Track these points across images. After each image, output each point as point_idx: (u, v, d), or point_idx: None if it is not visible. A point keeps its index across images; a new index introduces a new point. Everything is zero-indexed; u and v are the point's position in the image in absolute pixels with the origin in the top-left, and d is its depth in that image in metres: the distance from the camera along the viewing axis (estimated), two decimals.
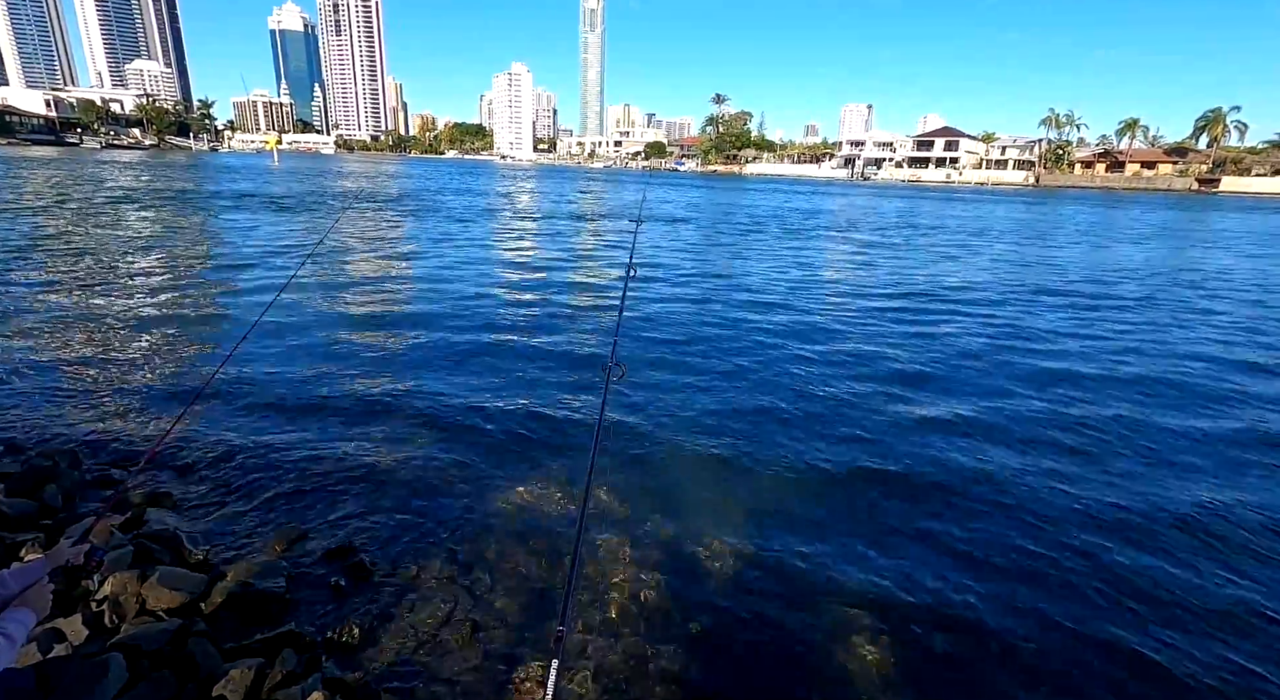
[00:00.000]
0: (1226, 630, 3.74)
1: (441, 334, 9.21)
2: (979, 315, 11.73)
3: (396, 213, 27.86)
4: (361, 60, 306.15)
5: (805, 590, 3.98)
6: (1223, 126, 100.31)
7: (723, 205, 41.63)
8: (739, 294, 12.99)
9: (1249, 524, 4.86)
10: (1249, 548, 4.58)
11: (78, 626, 3.11)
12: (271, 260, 14.49)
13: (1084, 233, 30.48)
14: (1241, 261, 21.26)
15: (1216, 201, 72.85)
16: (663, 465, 5.46)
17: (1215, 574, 4.26)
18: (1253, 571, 4.30)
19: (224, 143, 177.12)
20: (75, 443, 5.27)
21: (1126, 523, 4.82)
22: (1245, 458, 6.00)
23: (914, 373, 8.20)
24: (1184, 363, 9.04)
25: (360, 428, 5.88)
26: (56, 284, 11.14)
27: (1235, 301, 14.07)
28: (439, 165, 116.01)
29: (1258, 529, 4.79)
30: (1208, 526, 4.82)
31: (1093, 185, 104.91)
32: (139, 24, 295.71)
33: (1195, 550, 4.53)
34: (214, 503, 4.59)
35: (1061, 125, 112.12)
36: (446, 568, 4.01)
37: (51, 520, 4.07)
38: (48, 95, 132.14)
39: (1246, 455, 6.06)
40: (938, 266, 18.21)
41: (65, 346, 7.85)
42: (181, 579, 3.49)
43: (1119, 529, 4.73)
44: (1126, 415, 6.94)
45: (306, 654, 3.18)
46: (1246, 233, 32.81)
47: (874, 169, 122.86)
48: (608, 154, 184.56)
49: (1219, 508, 5.06)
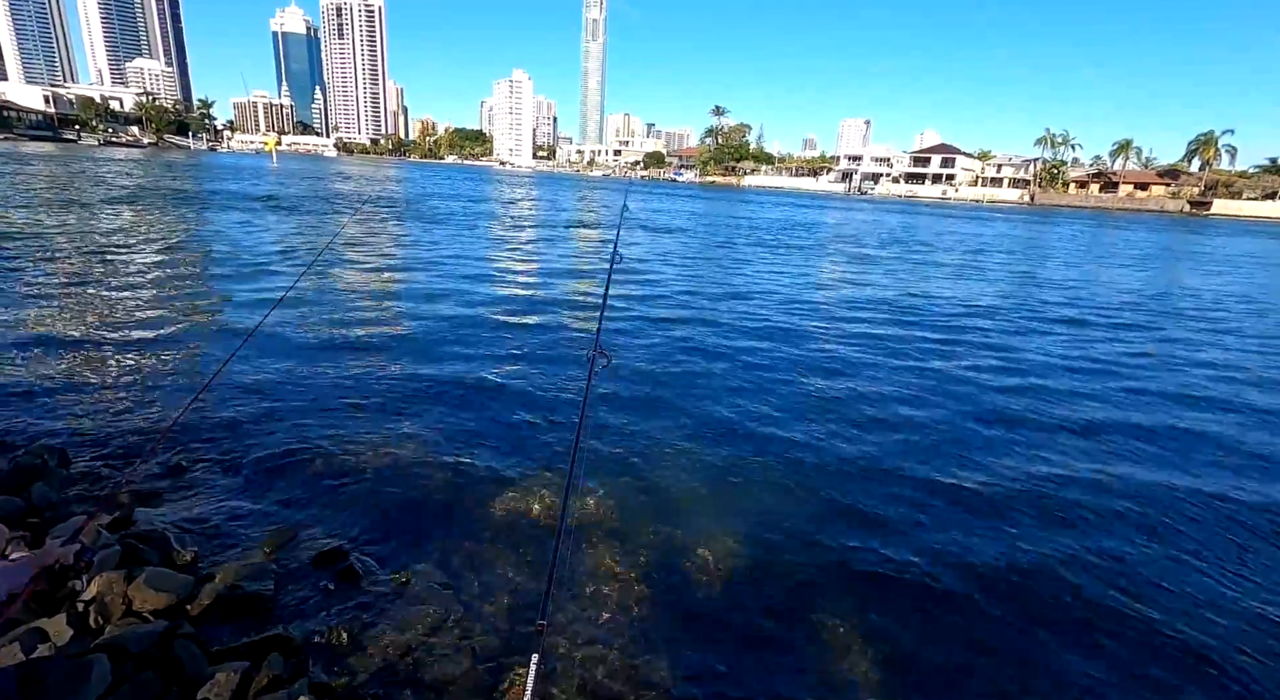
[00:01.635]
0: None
1: (433, 339, 9.21)
2: (976, 330, 11.83)
3: (397, 217, 27.89)
4: (363, 64, 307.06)
5: (794, 589, 4.00)
6: (1214, 150, 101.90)
7: (722, 217, 41.86)
8: (734, 302, 13.06)
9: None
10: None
11: (62, 627, 3.08)
12: (272, 264, 14.46)
13: (1104, 256, 30.75)
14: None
15: (1210, 224, 73.72)
16: (651, 461, 5.46)
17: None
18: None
19: (223, 143, 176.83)
20: (65, 441, 5.23)
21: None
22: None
23: (913, 376, 8.25)
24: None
25: (352, 431, 5.87)
26: (47, 282, 11.08)
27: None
28: (438, 170, 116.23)
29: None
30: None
31: (1086, 205, 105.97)
32: (140, 22, 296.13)
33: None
34: (204, 503, 4.56)
35: (1056, 145, 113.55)
36: (435, 570, 4.00)
37: (39, 519, 4.04)
38: (47, 91, 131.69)
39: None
40: (945, 282, 18.34)
41: (57, 345, 7.80)
42: (169, 580, 3.46)
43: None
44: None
45: (293, 658, 3.16)
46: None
47: (871, 184, 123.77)
48: (607, 163, 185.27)
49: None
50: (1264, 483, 5.98)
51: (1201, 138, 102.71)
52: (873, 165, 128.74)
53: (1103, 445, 6.66)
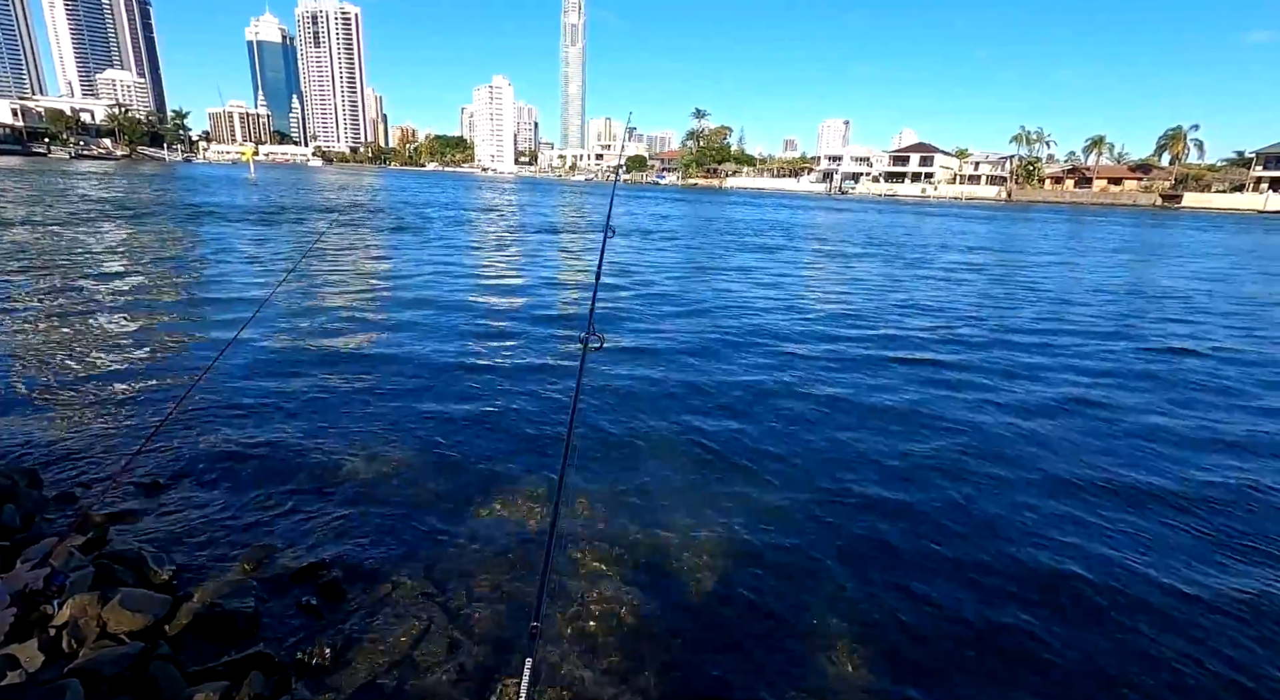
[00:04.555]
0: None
1: (414, 345, 9.10)
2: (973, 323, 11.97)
3: (376, 224, 27.64)
4: (341, 72, 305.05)
5: (787, 595, 3.98)
6: (1183, 144, 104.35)
7: (706, 218, 41.96)
8: (725, 302, 13.09)
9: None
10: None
11: (33, 652, 2.98)
12: (246, 277, 14.24)
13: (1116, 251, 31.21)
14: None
15: (1182, 216, 75.27)
16: (642, 462, 5.44)
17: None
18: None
19: (199, 153, 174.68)
20: (36, 461, 5.10)
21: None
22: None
23: (911, 380, 8.32)
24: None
25: (332, 444, 5.77)
26: (15, 298, 10.82)
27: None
28: (419, 177, 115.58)
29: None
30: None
31: (1062, 201, 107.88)
32: (111, 33, 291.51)
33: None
34: (181, 521, 4.45)
35: (1032, 142, 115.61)
36: (421, 582, 3.93)
37: (9, 541, 3.92)
38: (14, 104, 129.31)
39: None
40: (939, 282, 18.53)
41: (26, 362, 7.62)
42: (145, 601, 3.37)
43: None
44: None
45: (276, 676, 3.08)
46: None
47: (851, 183, 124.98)
48: (589, 167, 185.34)
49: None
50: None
51: (1170, 133, 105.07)
52: (853, 165, 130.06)
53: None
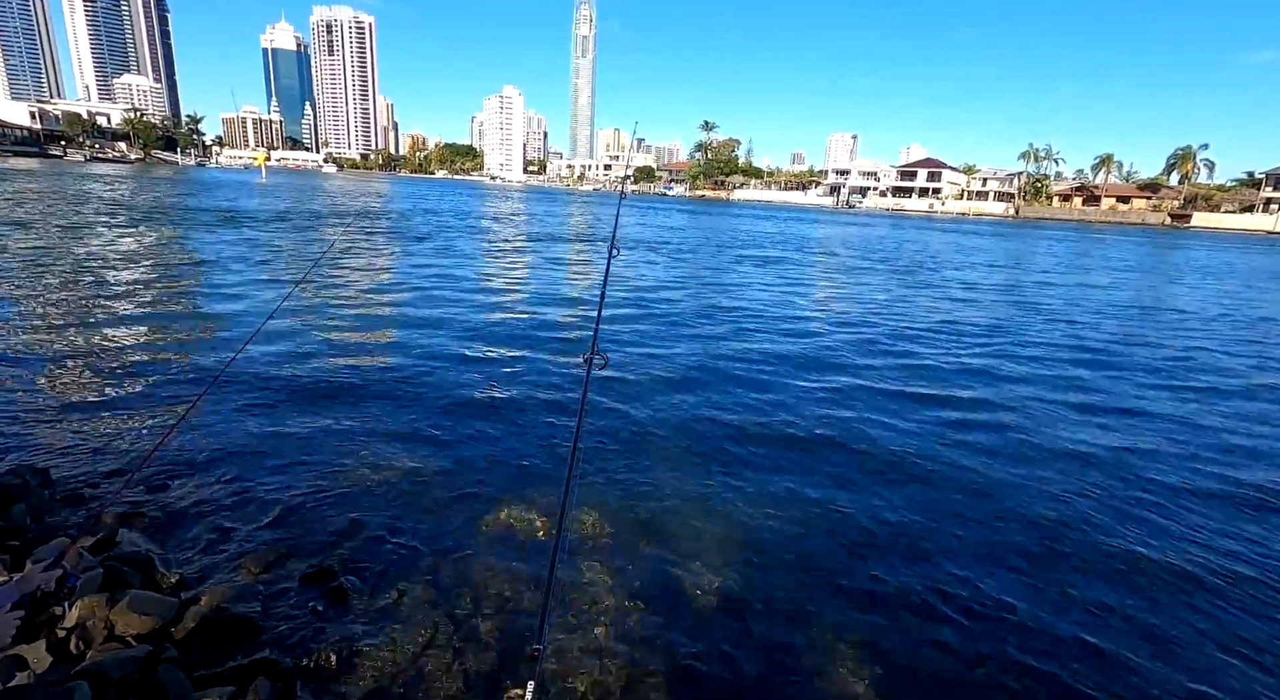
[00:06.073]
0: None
1: (423, 357, 9.14)
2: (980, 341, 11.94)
3: (388, 232, 27.84)
4: (353, 80, 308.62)
5: (793, 604, 3.95)
6: (1192, 164, 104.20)
7: (715, 230, 42.08)
8: (740, 317, 13.10)
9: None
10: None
11: (41, 653, 2.99)
12: (259, 281, 14.36)
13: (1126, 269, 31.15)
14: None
15: (1199, 235, 75.03)
16: (647, 477, 5.43)
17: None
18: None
19: (212, 158, 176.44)
20: (47, 460, 5.13)
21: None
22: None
23: (919, 393, 8.29)
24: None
25: (340, 448, 5.79)
26: (25, 300, 10.92)
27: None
28: (429, 185, 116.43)
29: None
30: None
31: (1070, 218, 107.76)
32: (129, 38, 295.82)
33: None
34: (190, 524, 4.47)
35: (1040, 159, 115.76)
36: (427, 590, 3.93)
37: (19, 541, 3.94)
38: (33, 107, 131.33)
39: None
40: (951, 301, 18.50)
41: (39, 363, 7.68)
42: (153, 603, 3.38)
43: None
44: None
45: (281, 681, 3.08)
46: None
47: (859, 197, 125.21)
48: (597, 177, 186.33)
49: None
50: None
51: (1180, 152, 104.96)
52: (860, 179, 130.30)
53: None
